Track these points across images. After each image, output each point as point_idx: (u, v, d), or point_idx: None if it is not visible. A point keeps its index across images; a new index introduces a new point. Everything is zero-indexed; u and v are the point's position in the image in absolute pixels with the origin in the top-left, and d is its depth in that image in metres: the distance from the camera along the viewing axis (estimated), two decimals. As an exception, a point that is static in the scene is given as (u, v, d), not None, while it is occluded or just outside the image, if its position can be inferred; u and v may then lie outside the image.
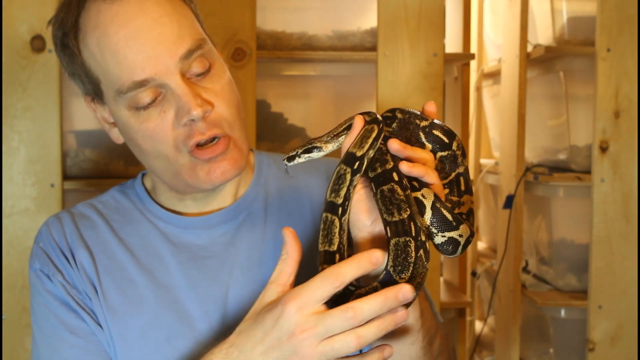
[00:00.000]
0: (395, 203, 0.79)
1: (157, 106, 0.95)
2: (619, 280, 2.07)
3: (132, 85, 0.93)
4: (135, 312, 1.00)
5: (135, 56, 0.92)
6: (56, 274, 1.01)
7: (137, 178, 1.13)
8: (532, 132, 2.33)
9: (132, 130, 0.97)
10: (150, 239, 1.04)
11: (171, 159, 0.97)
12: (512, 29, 2.23)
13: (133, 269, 1.02)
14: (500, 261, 2.31)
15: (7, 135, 1.76)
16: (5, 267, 1.76)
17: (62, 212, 1.08)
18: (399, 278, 0.76)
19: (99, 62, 0.95)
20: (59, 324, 0.99)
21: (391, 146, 0.82)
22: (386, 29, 1.91)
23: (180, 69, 0.94)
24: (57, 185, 1.78)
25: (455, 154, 0.89)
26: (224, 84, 0.99)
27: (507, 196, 2.26)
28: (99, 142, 1.95)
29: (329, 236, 0.81)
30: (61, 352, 0.98)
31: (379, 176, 0.81)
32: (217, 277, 1.02)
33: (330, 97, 2.19)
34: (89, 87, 1.01)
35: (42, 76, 1.77)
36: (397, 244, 0.78)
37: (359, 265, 0.76)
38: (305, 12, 2.08)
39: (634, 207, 2.06)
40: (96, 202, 1.10)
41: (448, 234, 0.83)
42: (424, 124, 0.89)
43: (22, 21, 1.75)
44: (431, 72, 1.92)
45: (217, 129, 0.96)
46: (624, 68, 2.03)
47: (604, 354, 2.08)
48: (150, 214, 1.07)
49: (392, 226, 0.78)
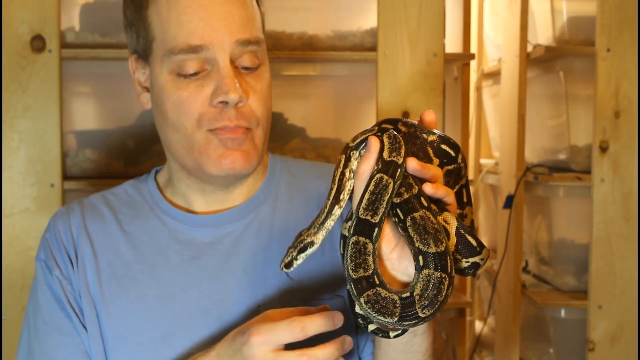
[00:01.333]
0: (430, 233, 0.76)
1: (198, 80, 0.98)
2: (619, 280, 2.07)
3: (186, 48, 0.96)
4: (133, 309, 1.01)
5: (199, 22, 0.96)
6: (55, 268, 1.03)
7: (150, 173, 1.14)
8: (532, 132, 2.33)
9: (165, 95, 0.99)
10: (156, 235, 1.05)
11: (188, 133, 0.99)
12: (512, 29, 2.23)
13: (135, 265, 1.03)
14: (500, 261, 2.31)
15: (7, 135, 1.76)
16: (5, 267, 1.76)
17: (73, 203, 1.10)
18: (421, 312, 0.76)
19: (162, 19, 0.98)
20: (50, 319, 1.01)
21: (410, 165, 0.80)
22: (386, 29, 1.91)
23: (232, 52, 0.98)
24: (57, 185, 1.78)
25: (460, 166, 0.88)
26: (264, 86, 1.02)
27: (507, 196, 2.26)
28: (99, 142, 1.95)
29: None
30: (46, 348, 1.00)
31: (407, 202, 0.78)
32: (219, 276, 1.02)
33: (330, 97, 2.18)
34: (140, 42, 1.03)
35: (42, 76, 1.77)
36: (429, 276, 0.76)
37: (325, 323, 0.82)
38: (305, 12, 2.08)
39: (634, 207, 2.06)
40: (108, 194, 1.11)
41: (472, 260, 0.82)
42: (431, 139, 0.86)
43: (22, 21, 1.75)
44: (431, 72, 1.92)
45: (244, 121, 0.98)
46: (624, 68, 2.03)
47: (604, 354, 2.08)
48: (160, 210, 1.08)
49: (427, 257, 0.76)
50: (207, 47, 0.96)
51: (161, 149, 1.98)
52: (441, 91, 1.93)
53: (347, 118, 2.16)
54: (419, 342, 0.87)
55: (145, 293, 1.01)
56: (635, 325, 2.07)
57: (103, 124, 2.02)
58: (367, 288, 0.77)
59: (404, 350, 0.87)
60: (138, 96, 1.08)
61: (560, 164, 2.25)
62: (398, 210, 0.79)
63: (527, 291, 2.24)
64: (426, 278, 0.76)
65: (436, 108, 1.93)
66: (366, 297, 0.77)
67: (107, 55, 1.86)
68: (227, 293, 1.01)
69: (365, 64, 2.04)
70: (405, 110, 1.93)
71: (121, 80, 2.01)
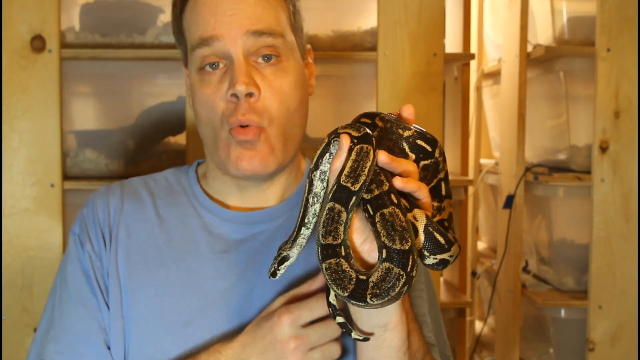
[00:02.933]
0: (397, 230, 0.78)
1: (219, 75, 1.00)
2: (619, 280, 2.07)
3: (200, 41, 0.99)
4: (159, 293, 1.02)
5: (211, 17, 0.99)
6: (87, 243, 1.05)
7: (192, 164, 1.17)
8: (532, 132, 2.33)
9: (195, 93, 1.03)
10: (190, 225, 1.07)
11: (216, 130, 1.01)
12: (512, 29, 2.23)
13: (166, 250, 1.04)
14: (500, 261, 2.31)
15: (7, 135, 1.76)
16: (5, 267, 1.76)
17: (115, 183, 1.13)
18: (369, 298, 0.78)
19: (187, 22, 1.03)
20: (75, 292, 1.03)
21: (380, 159, 0.81)
22: (386, 29, 1.91)
23: (245, 45, 0.99)
24: (57, 185, 1.78)
25: (437, 161, 0.88)
26: (284, 82, 1.01)
27: (507, 196, 2.26)
28: (99, 142, 1.95)
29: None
30: (69, 320, 1.01)
31: (377, 198, 0.79)
32: (245, 273, 1.03)
33: (330, 97, 2.18)
34: (182, 49, 1.07)
35: (42, 76, 1.77)
36: (389, 270, 0.78)
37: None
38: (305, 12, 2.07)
39: (634, 207, 2.06)
40: (149, 179, 1.14)
41: (440, 256, 0.83)
42: (407, 134, 0.87)
43: (22, 21, 1.75)
44: (431, 72, 1.92)
45: (255, 117, 0.98)
46: (624, 68, 2.03)
47: (604, 354, 2.08)
48: (196, 201, 1.09)
49: (390, 252, 0.78)
50: (218, 39, 0.98)
51: (161, 149, 2.00)
52: (441, 91, 1.93)
53: (347, 118, 2.15)
54: (391, 338, 0.87)
55: (172, 279, 1.03)
56: (635, 325, 2.07)
57: (103, 124, 2.02)
58: (332, 256, 0.80)
59: (376, 345, 0.88)
60: (188, 100, 1.13)
61: (560, 164, 2.25)
62: (368, 206, 0.80)
63: (527, 291, 2.23)
64: (385, 270, 0.78)
65: (436, 108, 1.93)
66: (328, 264, 0.80)
67: (107, 55, 1.86)
68: (251, 290, 1.02)
69: (365, 64, 2.04)
70: (405, 110, 1.93)
71: (121, 80, 2.01)
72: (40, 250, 1.77)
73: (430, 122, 1.93)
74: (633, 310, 2.07)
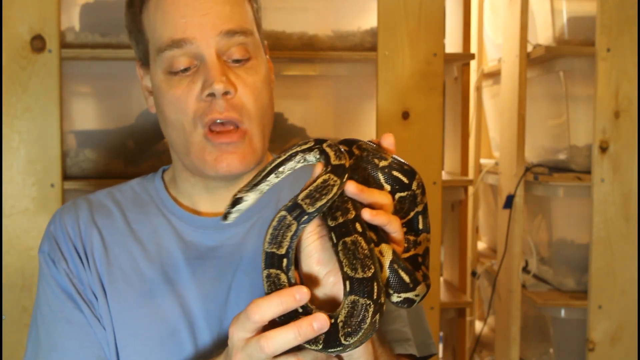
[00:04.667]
0: (359, 258, 0.74)
1: (189, 76, 0.99)
2: (619, 280, 2.07)
3: (170, 43, 0.98)
4: (142, 304, 1.01)
5: (181, 19, 0.98)
6: (61, 261, 1.03)
7: (157, 172, 1.15)
8: (532, 132, 2.33)
9: (162, 95, 1.01)
10: (162, 233, 1.06)
11: (187, 133, 1.00)
12: (512, 29, 2.23)
13: (143, 261, 1.04)
14: (500, 261, 2.31)
15: (7, 135, 1.76)
16: (5, 267, 1.76)
17: (80, 199, 1.11)
18: (344, 339, 0.73)
19: (151, 21, 1.01)
20: (58, 310, 1.01)
21: (347, 189, 0.78)
22: (386, 29, 1.91)
23: (218, 45, 0.98)
24: (57, 185, 1.78)
25: (415, 193, 0.85)
26: (257, 79, 1.01)
27: (507, 196, 2.26)
28: (99, 142, 1.95)
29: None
30: (54, 338, 1.00)
31: (340, 226, 0.76)
32: (221, 277, 1.03)
33: (330, 97, 2.18)
34: (140, 48, 1.06)
35: (42, 76, 1.77)
36: (355, 303, 0.73)
37: (281, 301, 0.74)
38: (305, 12, 2.08)
39: (634, 207, 2.06)
40: (115, 191, 1.12)
41: (404, 295, 0.80)
42: (382, 164, 0.83)
43: (22, 21, 1.75)
44: (431, 72, 1.92)
45: (235, 113, 0.98)
46: (624, 68, 2.03)
47: (604, 354, 2.08)
48: (165, 209, 1.08)
49: (354, 283, 0.74)
50: (191, 42, 0.97)
51: (161, 149, 1.99)
52: (441, 91, 1.93)
53: (347, 118, 2.16)
54: None
55: (152, 289, 1.02)
56: (635, 325, 2.07)
57: (103, 124, 2.02)
58: (273, 266, 0.77)
59: None
60: (146, 101, 1.10)
61: (560, 164, 2.25)
62: (332, 234, 0.77)
63: (527, 291, 2.23)
64: (351, 304, 0.74)
65: (436, 108, 1.93)
66: (267, 273, 0.77)
67: (107, 55, 1.86)
68: (227, 294, 1.02)
69: (365, 64, 2.04)
70: (405, 110, 1.93)
71: (121, 80, 2.01)
72: (40, 250, 1.77)
73: (430, 122, 1.93)
74: (633, 310, 2.07)
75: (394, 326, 1.03)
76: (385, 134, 0.85)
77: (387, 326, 1.03)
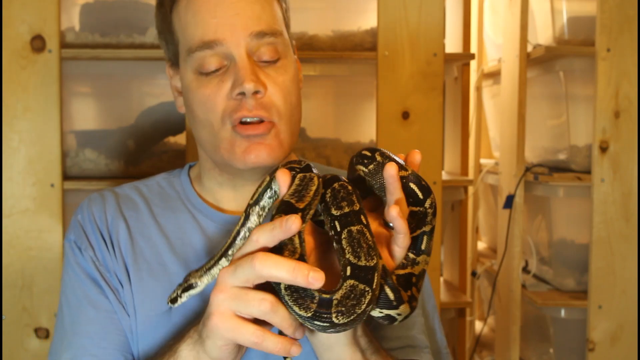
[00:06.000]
0: (363, 247, 0.75)
1: (219, 76, 1.00)
2: (619, 280, 2.07)
3: (201, 44, 0.99)
4: (165, 295, 1.01)
5: (212, 19, 0.99)
6: (88, 249, 1.05)
7: (184, 168, 1.17)
8: (532, 132, 2.33)
9: (191, 94, 1.02)
10: (187, 229, 1.07)
11: (215, 130, 1.01)
12: (512, 29, 2.23)
13: (167, 255, 1.05)
14: (500, 261, 2.31)
15: (7, 135, 1.76)
16: (5, 267, 1.76)
17: (106, 190, 1.12)
18: (335, 317, 0.72)
19: (182, 22, 1.02)
20: (83, 296, 1.02)
21: (388, 169, 0.79)
22: (386, 29, 1.91)
23: (248, 46, 0.99)
24: (57, 185, 1.78)
25: (426, 211, 0.85)
26: (286, 79, 1.02)
27: (507, 196, 2.26)
28: (99, 142, 1.95)
29: None
30: (80, 325, 1.01)
31: (347, 215, 0.77)
32: None
33: (330, 97, 2.19)
34: (170, 48, 1.07)
35: (42, 76, 1.77)
36: (353, 287, 0.73)
37: (272, 234, 0.74)
38: (305, 12, 2.08)
39: (634, 207, 2.06)
40: (141, 185, 1.13)
41: (386, 312, 0.80)
42: (402, 174, 0.83)
43: (22, 21, 1.75)
44: (431, 72, 1.92)
45: (264, 112, 0.99)
46: (624, 68, 2.03)
47: (604, 354, 2.08)
48: (191, 205, 1.09)
49: (355, 269, 0.74)
50: (221, 43, 0.98)
51: (161, 149, 1.99)
52: (441, 91, 1.93)
53: (347, 118, 2.16)
54: None
55: (175, 282, 1.02)
56: (635, 325, 2.07)
57: (103, 124, 2.02)
58: None
59: None
60: (175, 101, 1.12)
61: (560, 164, 2.25)
62: (336, 222, 0.78)
63: (527, 291, 2.23)
64: (349, 287, 0.73)
65: (436, 108, 1.93)
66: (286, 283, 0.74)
67: (107, 55, 1.85)
68: None
69: (365, 64, 2.04)
70: (406, 110, 1.93)
71: (121, 80, 2.01)
72: (40, 250, 1.77)
73: (430, 122, 1.93)
74: (633, 310, 2.07)
75: (411, 332, 1.03)
76: (413, 151, 0.86)
77: (404, 332, 1.02)
